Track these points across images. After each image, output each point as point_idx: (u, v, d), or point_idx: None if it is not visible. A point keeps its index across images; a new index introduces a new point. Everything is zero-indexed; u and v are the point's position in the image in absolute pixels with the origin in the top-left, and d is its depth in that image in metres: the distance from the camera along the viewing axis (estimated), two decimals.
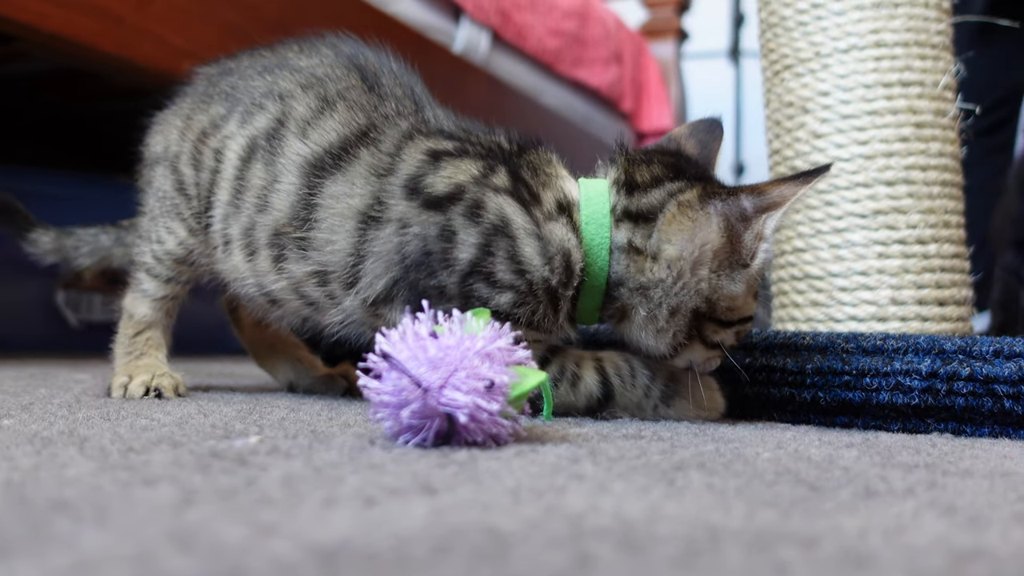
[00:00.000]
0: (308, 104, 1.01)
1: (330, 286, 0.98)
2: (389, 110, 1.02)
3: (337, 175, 0.97)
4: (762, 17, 1.51)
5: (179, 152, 1.09)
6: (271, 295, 1.03)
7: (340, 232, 0.96)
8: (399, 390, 0.68)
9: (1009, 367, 0.92)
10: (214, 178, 1.05)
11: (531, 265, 0.90)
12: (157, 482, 0.52)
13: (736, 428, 0.93)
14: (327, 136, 0.99)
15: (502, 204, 0.91)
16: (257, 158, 1.02)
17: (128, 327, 1.12)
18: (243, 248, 1.04)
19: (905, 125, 1.36)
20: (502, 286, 0.90)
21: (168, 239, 1.09)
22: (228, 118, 1.06)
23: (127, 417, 0.83)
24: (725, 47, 3.57)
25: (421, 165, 0.96)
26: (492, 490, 0.53)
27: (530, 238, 0.91)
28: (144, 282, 1.12)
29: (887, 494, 0.57)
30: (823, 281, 1.38)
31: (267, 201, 1.01)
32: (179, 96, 1.15)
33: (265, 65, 1.08)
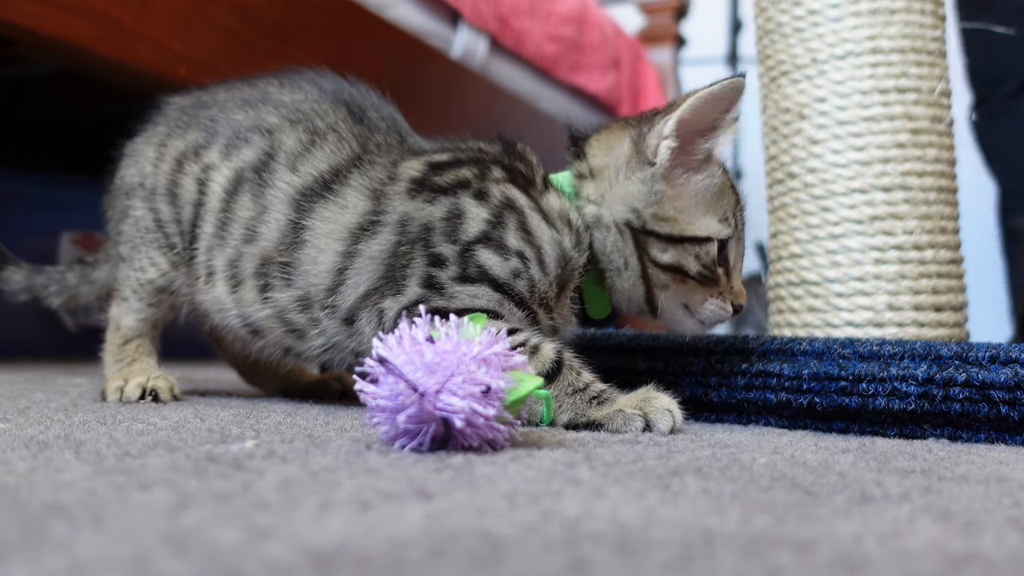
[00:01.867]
0: (298, 138, 1.04)
1: (312, 310, 1.00)
2: (379, 139, 1.04)
3: (328, 199, 1.00)
4: (759, 23, 1.52)
5: (155, 185, 1.09)
6: (254, 326, 1.05)
7: (326, 252, 0.98)
8: (395, 394, 0.68)
9: (1005, 373, 0.92)
10: (198, 211, 1.06)
11: (539, 231, 0.95)
12: (153, 486, 0.52)
13: (733, 433, 0.93)
14: (318, 166, 1.02)
15: (504, 189, 0.97)
16: (244, 191, 1.03)
17: (116, 336, 1.12)
18: (227, 280, 1.04)
19: (901, 131, 1.37)
20: (511, 252, 0.94)
21: (150, 270, 1.09)
22: (208, 148, 1.07)
23: (123, 421, 0.83)
24: (723, 53, 3.58)
25: (423, 171, 1.00)
26: (488, 495, 0.53)
27: (533, 212, 0.96)
28: (130, 299, 1.11)
29: (882, 499, 0.57)
30: (820, 287, 1.38)
31: (255, 231, 1.02)
32: (149, 125, 1.15)
33: (245, 99, 1.09)
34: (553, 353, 0.90)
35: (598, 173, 0.99)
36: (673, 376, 1.05)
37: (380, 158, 1.02)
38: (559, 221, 0.97)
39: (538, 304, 0.96)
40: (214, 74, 1.64)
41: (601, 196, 0.98)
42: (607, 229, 0.97)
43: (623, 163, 0.97)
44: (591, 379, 0.91)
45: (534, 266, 0.95)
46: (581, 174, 1.00)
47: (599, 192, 0.98)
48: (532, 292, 0.95)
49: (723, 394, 1.03)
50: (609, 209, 0.97)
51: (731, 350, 1.04)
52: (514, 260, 0.94)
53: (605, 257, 0.98)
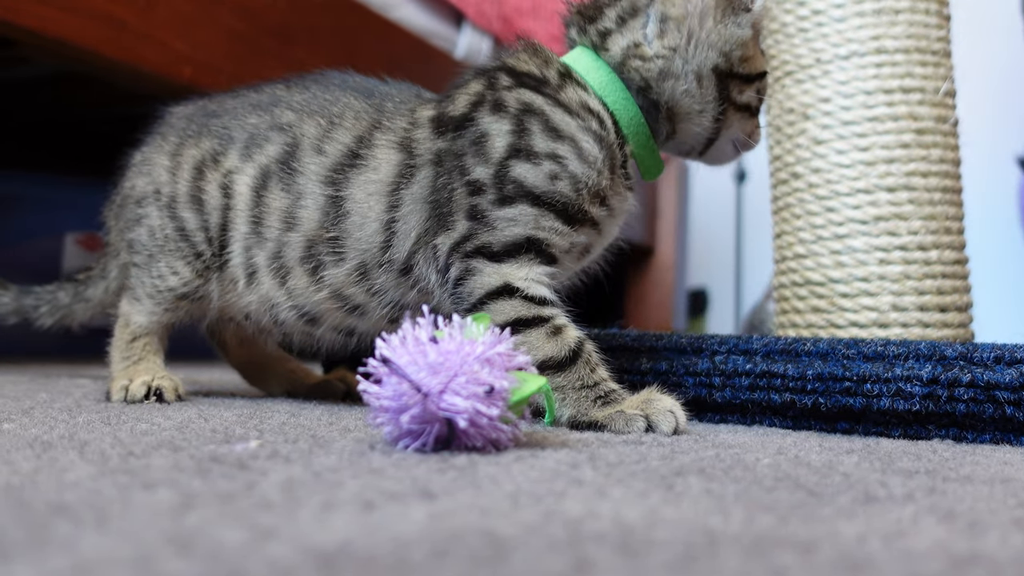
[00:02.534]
0: (318, 124, 1.05)
1: (371, 277, 1.00)
2: (394, 103, 1.06)
3: (359, 166, 1.01)
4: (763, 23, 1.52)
5: (174, 193, 1.09)
6: (311, 314, 1.05)
7: (371, 213, 0.99)
8: (399, 395, 0.68)
9: (1010, 374, 0.92)
10: (226, 215, 1.07)
11: (564, 126, 0.95)
12: (157, 486, 0.52)
13: (737, 434, 0.93)
14: (343, 140, 1.03)
15: (518, 94, 0.97)
16: (273, 185, 1.04)
17: (125, 333, 1.12)
18: (273, 273, 1.05)
19: (906, 131, 1.36)
20: (542, 156, 0.94)
21: (171, 278, 1.09)
22: (226, 154, 1.08)
23: (127, 421, 0.83)
24: None
25: (436, 107, 1.02)
26: (491, 495, 0.53)
27: (555, 108, 0.96)
28: (143, 300, 1.11)
29: (887, 500, 0.57)
30: (824, 287, 1.38)
31: (295, 217, 1.03)
32: (155, 135, 1.15)
33: (256, 103, 1.10)
34: (574, 342, 0.90)
35: (675, 24, 0.98)
36: (677, 376, 1.05)
37: (399, 114, 1.04)
38: (582, 111, 0.97)
39: (589, 200, 0.95)
40: (218, 75, 1.64)
41: (678, 46, 0.97)
42: (682, 78, 0.98)
43: (712, 9, 0.98)
44: (604, 377, 0.91)
45: (573, 161, 0.94)
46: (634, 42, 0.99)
47: (672, 43, 0.97)
48: (577, 190, 0.94)
49: (727, 394, 1.03)
50: (693, 57, 0.98)
51: (735, 350, 1.04)
52: (547, 163, 0.94)
53: (679, 105, 0.99)
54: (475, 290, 0.92)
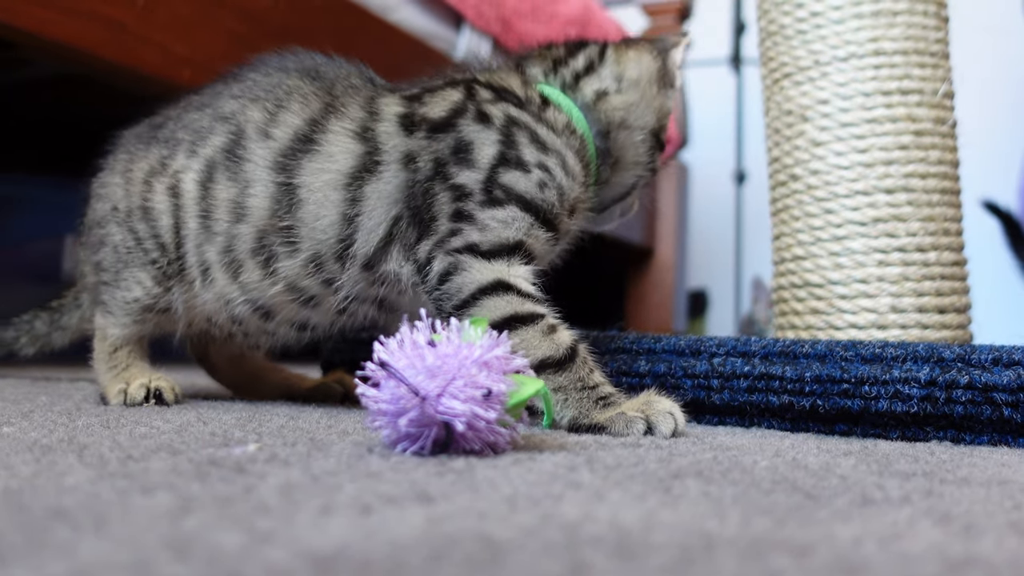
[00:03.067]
0: (262, 110, 1.04)
1: (325, 268, 1.00)
2: (342, 87, 1.05)
3: (312, 151, 1.00)
4: (762, 26, 1.52)
5: (129, 207, 1.09)
6: (265, 307, 1.04)
7: (328, 203, 0.98)
8: (397, 398, 0.68)
9: (1008, 375, 0.92)
10: (176, 216, 1.06)
11: (551, 141, 1.00)
12: (155, 490, 0.53)
13: (735, 436, 0.93)
14: (291, 125, 1.02)
15: (503, 108, 1.00)
16: (218, 176, 1.03)
17: (104, 345, 1.11)
18: (225, 268, 1.04)
19: (904, 133, 1.37)
20: (531, 166, 0.97)
21: (135, 288, 1.08)
22: (173, 157, 1.07)
23: (126, 425, 0.83)
24: (726, 55, 3.58)
25: (405, 105, 1.02)
26: (489, 498, 0.54)
27: (540, 124, 1.00)
28: (116, 313, 1.10)
29: (883, 502, 0.57)
30: (823, 289, 1.38)
31: (243, 207, 1.02)
32: (109, 160, 1.15)
33: (197, 104, 1.10)
34: (569, 340, 0.91)
35: (632, 85, 1.08)
36: (675, 378, 1.05)
37: (352, 99, 1.03)
38: (566, 131, 1.02)
39: (568, 211, 1.00)
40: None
41: (633, 105, 1.08)
42: (636, 132, 1.08)
43: (655, 80, 1.10)
44: (602, 379, 0.91)
45: (559, 172, 0.98)
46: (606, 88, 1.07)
47: (629, 101, 1.08)
48: (562, 200, 0.98)
49: (725, 396, 1.03)
50: (642, 115, 1.08)
51: (734, 352, 1.05)
52: (537, 172, 0.97)
53: (623, 156, 1.09)
54: (465, 286, 0.92)
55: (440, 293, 0.93)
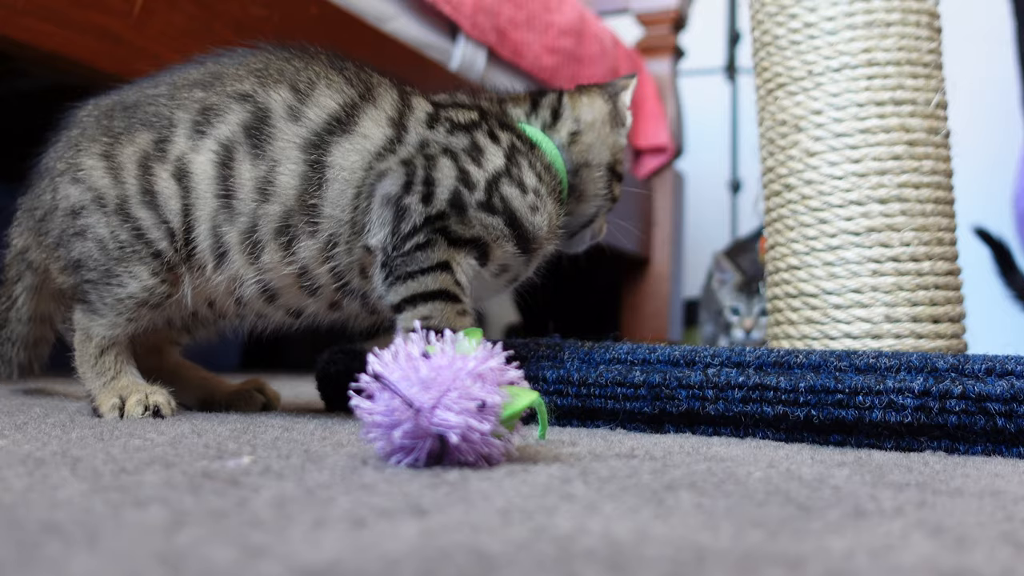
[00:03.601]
0: (290, 88, 1.06)
1: (335, 257, 1.05)
2: (374, 78, 1.10)
3: (347, 132, 1.05)
4: (755, 36, 1.52)
5: (123, 196, 1.05)
6: (272, 289, 1.07)
7: (351, 181, 1.04)
8: (391, 410, 0.68)
9: (1001, 385, 0.92)
10: (186, 200, 1.04)
11: (543, 173, 1.10)
12: (148, 504, 0.52)
13: (730, 447, 0.93)
14: (326, 107, 1.05)
15: (508, 135, 1.11)
16: (239, 157, 1.03)
17: (89, 347, 1.07)
18: (245, 251, 1.04)
19: (898, 143, 1.37)
20: (528, 188, 1.07)
21: (131, 283, 1.05)
22: (171, 141, 1.04)
23: (121, 437, 0.83)
24: (721, 64, 3.59)
25: (432, 107, 1.11)
26: (482, 511, 0.54)
27: (535, 160, 1.10)
28: (102, 311, 1.06)
29: (876, 514, 0.57)
30: (817, 298, 1.38)
31: (273, 185, 1.03)
32: (71, 140, 1.10)
33: (194, 81, 1.08)
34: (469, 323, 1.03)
35: (589, 127, 1.19)
36: (670, 389, 1.05)
37: (385, 92, 1.09)
38: (548, 172, 1.12)
39: (546, 236, 1.10)
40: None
41: (591, 145, 1.19)
42: (595, 169, 1.19)
43: (608, 121, 1.21)
44: None
45: (550, 201, 1.09)
46: (572, 131, 1.18)
47: (589, 142, 1.19)
48: (549, 224, 1.09)
49: (720, 407, 1.03)
50: (599, 154, 1.20)
51: (728, 363, 1.05)
52: (531, 195, 1.07)
53: (586, 190, 1.20)
54: (427, 259, 1.02)
55: (408, 258, 1.02)
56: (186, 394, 1.20)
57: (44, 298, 1.19)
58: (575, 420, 1.12)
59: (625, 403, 1.08)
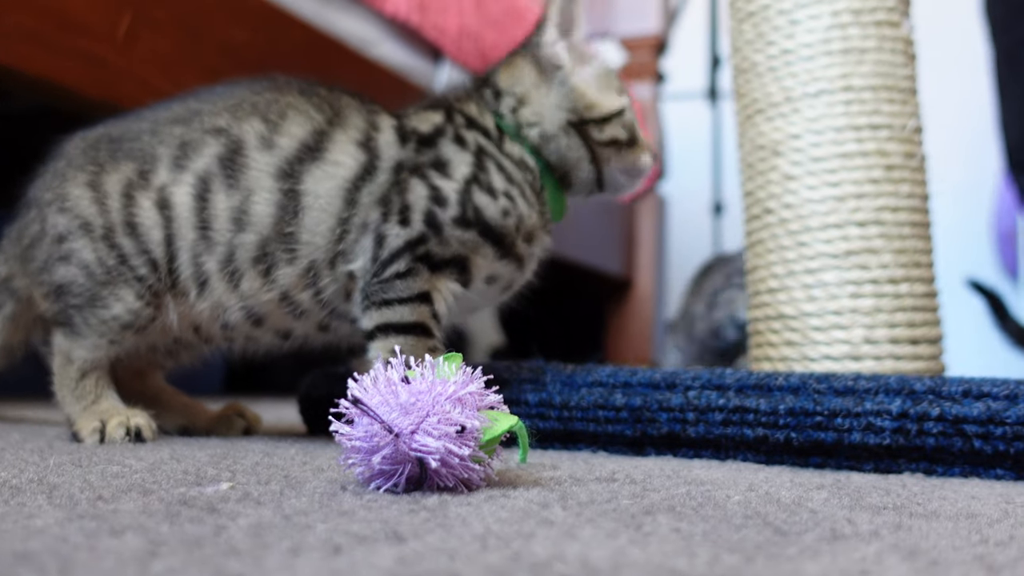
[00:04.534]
0: (262, 120, 1.08)
1: (319, 281, 1.05)
2: (343, 100, 1.11)
3: (319, 159, 1.06)
4: (734, 62, 1.54)
5: (109, 224, 1.06)
6: (258, 314, 1.08)
7: (330, 210, 1.04)
8: (370, 435, 0.68)
9: (978, 407, 0.93)
10: (168, 229, 1.05)
11: (513, 173, 1.09)
12: (124, 532, 0.52)
13: (710, 469, 0.94)
14: (296, 135, 1.07)
15: (475, 136, 1.10)
16: (215, 188, 1.05)
17: (70, 370, 1.07)
18: (225, 278, 1.05)
19: (875, 167, 1.39)
20: (498, 193, 1.06)
21: (115, 306, 1.05)
22: (153, 171, 1.06)
23: (99, 464, 0.82)
24: (702, 88, 3.63)
25: (398, 120, 1.11)
26: (460, 537, 0.54)
27: (503, 157, 1.10)
28: (85, 334, 1.06)
29: (853, 537, 0.58)
30: (797, 321, 1.39)
31: (247, 215, 1.04)
32: (58, 170, 1.10)
33: (174, 118, 1.09)
34: None
35: (526, 98, 1.13)
36: (651, 412, 1.06)
37: (353, 113, 1.10)
38: (521, 164, 1.11)
39: (524, 237, 1.09)
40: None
41: (538, 115, 1.13)
42: (557, 138, 1.13)
43: (538, 80, 1.13)
44: None
45: (521, 201, 1.08)
46: (513, 108, 1.14)
47: (535, 113, 1.13)
48: (518, 228, 1.08)
49: (701, 430, 1.03)
50: (549, 122, 1.12)
51: (708, 386, 1.05)
52: (502, 200, 1.06)
53: (564, 160, 1.14)
54: (407, 289, 1.02)
55: (386, 286, 1.03)
56: (168, 419, 1.19)
57: (18, 328, 1.17)
58: (557, 443, 1.12)
59: (607, 426, 1.08)
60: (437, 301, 1.04)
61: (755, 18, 1.48)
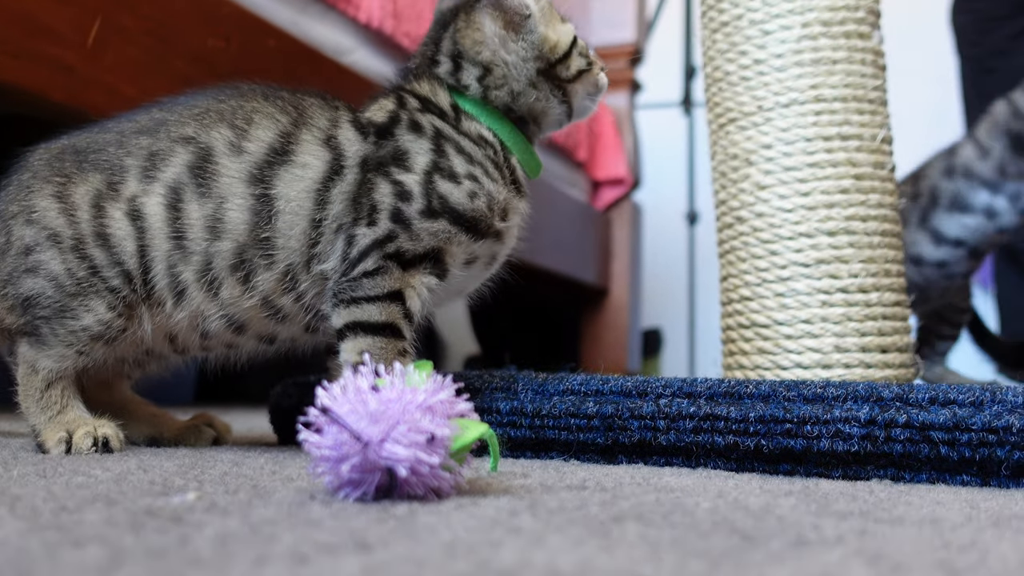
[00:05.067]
0: (229, 126, 1.07)
1: (297, 285, 1.05)
2: (308, 101, 1.11)
3: (287, 161, 1.05)
4: (707, 72, 1.56)
5: (79, 236, 1.05)
6: (239, 321, 1.07)
7: (302, 212, 1.04)
8: (339, 444, 0.68)
9: (944, 414, 0.94)
10: (142, 240, 1.04)
11: (474, 153, 1.08)
12: (87, 543, 0.52)
13: (680, 477, 0.94)
14: (264, 139, 1.06)
15: (430, 119, 1.09)
16: (187, 197, 1.04)
17: (35, 380, 1.05)
18: (203, 287, 1.05)
19: (845, 177, 1.40)
20: (461, 176, 1.05)
21: (85, 316, 1.04)
22: (123, 182, 1.05)
23: (64, 474, 0.81)
24: (677, 98, 3.65)
25: (354, 114, 1.11)
26: (427, 545, 0.54)
27: (461, 136, 1.09)
28: (52, 344, 1.05)
29: (818, 543, 0.58)
30: (769, 329, 1.40)
31: (221, 223, 1.04)
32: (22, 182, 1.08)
33: (139, 129, 1.09)
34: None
35: (493, 61, 1.11)
36: (623, 420, 1.06)
37: (317, 112, 1.09)
38: (480, 141, 1.10)
39: (497, 216, 1.07)
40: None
41: (507, 75, 1.11)
42: (526, 93, 1.12)
43: (505, 35, 1.11)
44: None
45: (486, 180, 1.07)
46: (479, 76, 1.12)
47: (503, 74, 1.11)
48: (491, 208, 1.06)
49: (672, 437, 1.04)
50: (519, 76, 1.11)
51: (679, 393, 1.06)
52: (467, 183, 1.05)
53: (533, 110, 1.14)
54: (376, 287, 1.01)
55: (354, 284, 1.02)
56: (135, 430, 1.17)
57: None
58: (529, 452, 1.12)
59: (579, 434, 1.08)
60: (410, 298, 1.03)
61: (727, 28, 1.49)
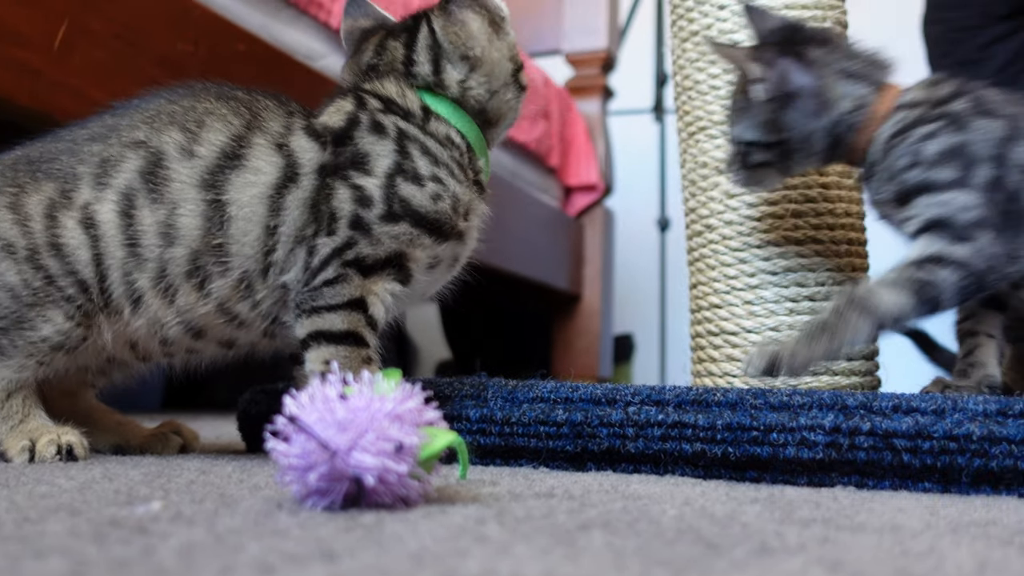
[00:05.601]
0: (180, 131, 1.06)
1: (254, 292, 1.04)
2: (262, 103, 1.09)
3: (239, 167, 1.04)
4: (677, 81, 1.57)
5: (33, 246, 1.03)
6: (197, 327, 1.06)
7: (255, 218, 1.03)
8: (306, 453, 0.68)
9: (907, 422, 0.96)
10: (96, 248, 1.03)
11: (440, 154, 1.07)
12: (49, 554, 0.51)
13: (648, 484, 0.95)
14: (215, 142, 1.05)
15: (393, 120, 1.07)
16: (139, 204, 1.03)
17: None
18: (159, 294, 1.04)
19: (813, 187, 1.42)
20: (425, 178, 1.04)
21: (43, 327, 1.03)
22: (76, 190, 1.04)
23: (27, 484, 0.80)
24: (649, 105, 3.67)
25: (308, 119, 1.09)
26: (394, 555, 0.54)
27: (427, 137, 1.07)
28: (10, 354, 1.03)
29: (780, 551, 0.59)
30: (738, 336, 1.42)
31: (174, 229, 1.03)
32: None
33: (91, 136, 1.08)
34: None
35: (480, 61, 1.11)
36: (592, 427, 1.06)
37: (271, 116, 1.08)
38: (447, 143, 1.09)
39: (463, 216, 1.08)
40: None
41: (489, 74, 1.12)
42: (501, 92, 1.14)
43: (492, 34, 1.12)
44: None
45: (451, 181, 1.06)
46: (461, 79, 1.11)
47: (486, 73, 1.12)
48: (455, 209, 1.06)
49: (640, 445, 1.04)
50: (500, 75, 1.13)
51: (648, 401, 1.06)
52: (431, 184, 1.04)
53: (504, 110, 1.16)
54: (336, 296, 1.01)
55: (315, 293, 1.01)
56: (101, 438, 1.16)
57: None
58: (498, 459, 1.12)
59: (548, 441, 1.08)
60: (373, 305, 1.02)
61: (697, 38, 1.51)
